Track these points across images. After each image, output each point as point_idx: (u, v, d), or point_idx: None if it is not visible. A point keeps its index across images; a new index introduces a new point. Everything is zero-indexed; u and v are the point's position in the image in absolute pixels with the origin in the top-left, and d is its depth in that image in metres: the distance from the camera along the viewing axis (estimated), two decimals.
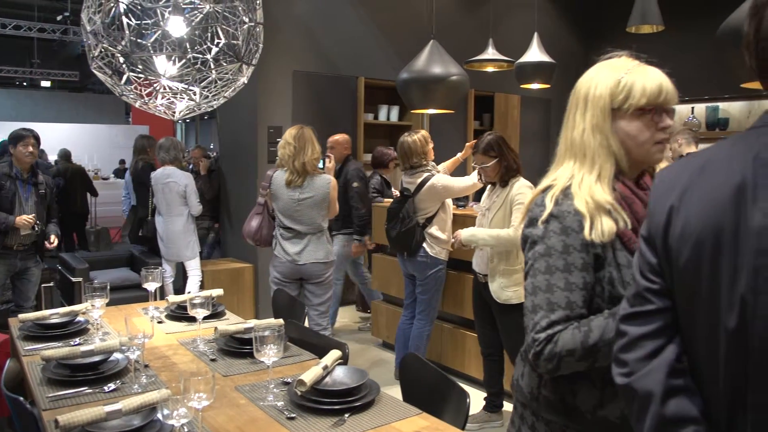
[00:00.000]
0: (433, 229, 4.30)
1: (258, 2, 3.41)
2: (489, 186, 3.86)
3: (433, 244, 4.29)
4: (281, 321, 2.89)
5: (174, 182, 5.36)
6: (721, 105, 8.16)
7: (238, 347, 2.70)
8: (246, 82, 3.74)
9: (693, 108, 8.34)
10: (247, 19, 3.27)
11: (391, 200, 4.67)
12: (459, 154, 4.73)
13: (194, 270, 5.58)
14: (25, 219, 4.45)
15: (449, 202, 4.42)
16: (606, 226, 1.49)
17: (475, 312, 4.01)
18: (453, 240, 3.99)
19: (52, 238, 4.74)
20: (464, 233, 3.76)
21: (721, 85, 6.76)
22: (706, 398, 1.07)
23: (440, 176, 4.30)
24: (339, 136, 5.59)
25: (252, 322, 2.85)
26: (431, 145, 4.40)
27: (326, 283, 4.15)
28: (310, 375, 2.15)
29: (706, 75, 7.23)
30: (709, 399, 1.07)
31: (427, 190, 4.23)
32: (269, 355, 2.12)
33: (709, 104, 8.25)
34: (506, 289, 3.66)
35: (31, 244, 4.66)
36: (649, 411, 1.10)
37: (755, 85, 3.21)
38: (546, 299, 1.49)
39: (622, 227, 1.51)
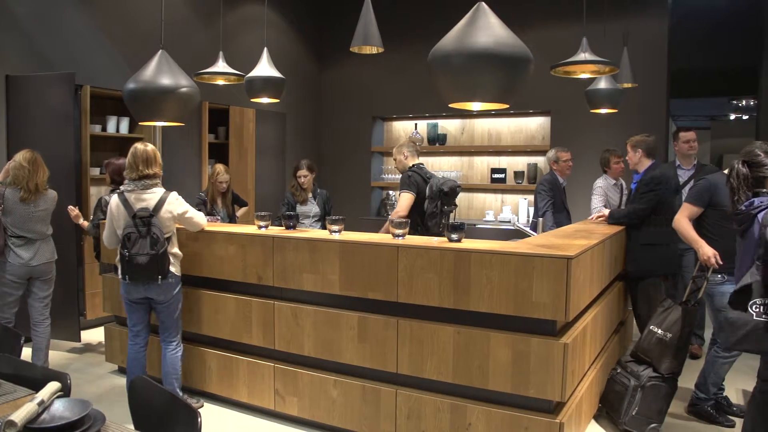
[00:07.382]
0: (174, 248, 4.18)
1: None
2: None
3: (175, 263, 4.17)
4: None
5: None
6: (440, 122, 9.00)
7: None
8: None
9: (416, 124, 9.09)
10: None
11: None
12: None
13: None
14: None
15: None
16: None
17: None
18: None
19: None
20: None
21: (438, 105, 7.41)
22: None
23: (173, 192, 4.18)
24: None
25: None
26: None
27: (52, 278, 4.96)
28: (22, 413, 1.95)
29: (426, 94, 7.93)
30: None
31: (168, 207, 4.10)
32: None
33: (430, 121, 9.06)
34: None
35: None
36: None
37: (462, 105, 3.58)
38: None
39: None
